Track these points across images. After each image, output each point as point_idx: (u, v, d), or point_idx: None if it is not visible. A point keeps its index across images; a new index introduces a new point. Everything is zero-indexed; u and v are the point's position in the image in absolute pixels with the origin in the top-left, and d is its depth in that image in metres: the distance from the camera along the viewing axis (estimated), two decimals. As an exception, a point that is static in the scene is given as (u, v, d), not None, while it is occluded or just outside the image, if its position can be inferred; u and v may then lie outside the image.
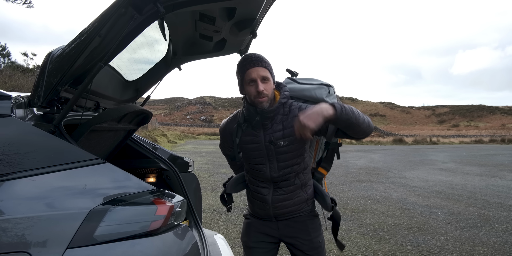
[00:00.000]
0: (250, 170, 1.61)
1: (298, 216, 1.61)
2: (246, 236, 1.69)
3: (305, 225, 1.61)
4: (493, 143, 31.19)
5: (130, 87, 2.18)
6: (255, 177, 1.61)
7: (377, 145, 25.45)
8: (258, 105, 1.44)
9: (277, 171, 1.53)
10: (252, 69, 1.40)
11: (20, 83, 10.01)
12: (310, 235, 1.60)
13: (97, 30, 1.10)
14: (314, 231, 1.61)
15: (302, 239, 1.59)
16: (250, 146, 1.53)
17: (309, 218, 1.63)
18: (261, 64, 1.41)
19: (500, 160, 13.15)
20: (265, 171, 1.54)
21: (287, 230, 1.61)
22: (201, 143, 21.81)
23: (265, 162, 1.53)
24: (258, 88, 1.39)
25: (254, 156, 1.54)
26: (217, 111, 69.04)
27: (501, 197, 6.00)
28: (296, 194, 1.58)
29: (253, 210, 1.68)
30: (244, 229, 1.72)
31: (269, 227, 1.63)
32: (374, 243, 3.56)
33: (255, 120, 1.47)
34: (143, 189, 1.15)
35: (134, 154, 2.28)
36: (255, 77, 1.40)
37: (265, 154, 1.51)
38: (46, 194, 0.99)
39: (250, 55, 1.46)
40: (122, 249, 1.00)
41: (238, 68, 1.46)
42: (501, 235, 3.88)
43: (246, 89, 1.45)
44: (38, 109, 1.31)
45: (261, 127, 1.50)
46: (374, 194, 6.16)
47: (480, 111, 72.45)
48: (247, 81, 1.43)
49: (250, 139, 1.53)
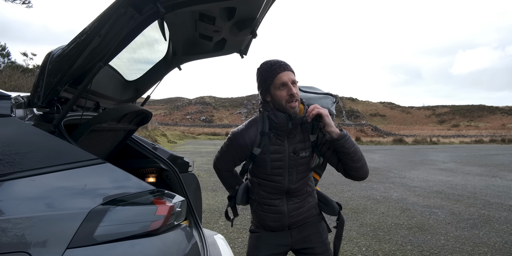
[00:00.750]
0: (262, 183, 1.54)
1: (309, 220, 1.62)
2: (256, 250, 1.59)
3: (316, 228, 1.61)
4: (493, 143, 31.18)
5: (130, 87, 2.18)
6: (266, 190, 1.54)
7: (377, 145, 25.44)
8: (290, 110, 1.39)
9: (294, 183, 1.50)
10: (283, 72, 1.39)
11: (20, 83, 10.01)
12: (322, 237, 1.61)
13: (97, 30, 1.10)
14: (324, 233, 1.63)
15: (316, 242, 1.59)
16: (273, 156, 1.46)
17: (318, 220, 1.64)
18: (290, 69, 1.41)
19: (500, 160, 13.15)
20: (283, 183, 1.50)
21: (300, 236, 1.59)
22: (201, 143, 21.81)
23: (285, 174, 1.49)
24: (291, 90, 1.37)
25: (274, 167, 1.47)
26: (217, 111, 69.05)
27: (501, 197, 5.99)
28: (308, 200, 1.59)
29: (263, 224, 1.60)
30: (254, 243, 1.62)
31: (282, 237, 1.59)
32: (374, 243, 3.56)
33: (286, 127, 1.42)
34: (143, 189, 1.14)
35: (134, 154, 2.28)
36: (287, 80, 1.38)
37: (287, 165, 1.47)
38: (46, 194, 0.99)
39: (275, 60, 1.44)
40: (122, 249, 1.00)
41: (265, 73, 1.42)
42: (501, 235, 3.88)
43: (276, 94, 1.40)
44: (38, 109, 1.30)
45: (286, 137, 1.46)
46: (374, 194, 6.16)
47: (480, 111, 72.43)
48: (278, 85, 1.39)
49: (274, 148, 1.46)
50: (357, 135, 33.59)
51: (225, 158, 1.59)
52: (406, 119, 73.35)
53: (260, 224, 1.63)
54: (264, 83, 1.43)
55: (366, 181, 7.67)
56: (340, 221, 1.64)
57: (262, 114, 1.49)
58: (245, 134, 1.50)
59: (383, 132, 44.77)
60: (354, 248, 3.43)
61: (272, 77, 1.40)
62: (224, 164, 1.62)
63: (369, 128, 46.32)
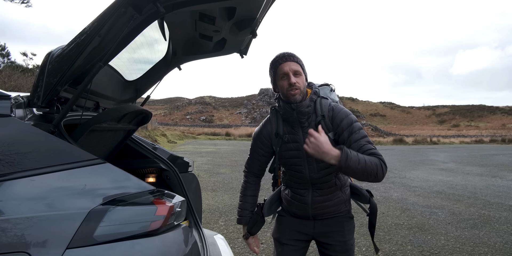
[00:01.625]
0: (288, 172, 1.59)
1: (336, 216, 1.61)
2: (279, 232, 1.67)
3: (341, 226, 1.61)
4: (494, 143, 31.18)
5: (130, 87, 2.18)
6: (293, 180, 1.59)
7: (378, 145, 25.44)
8: (291, 98, 1.44)
9: (316, 172, 1.51)
10: (284, 63, 1.44)
11: (20, 83, 10.00)
12: (345, 237, 1.60)
13: (97, 30, 1.10)
14: (349, 233, 1.62)
15: (336, 240, 1.59)
16: (290, 145, 1.51)
17: (346, 220, 1.63)
18: (293, 59, 1.45)
19: (501, 160, 13.15)
20: (304, 173, 1.52)
21: (323, 229, 1.61)
22: (201, 143, 21.81)
23: (304, 163, 1.51)
24: (290, 80, 1.42)
25: (293, 156, 1.52)
26: (217, 111, 69.04)
27: (501, 197, 5.99)
28: (336, 195, 1.58)
29: (289, 209, 1.66)
30: (277, 225, 1.71)
31: (305, 225, 1.62)
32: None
33: (292, 116, 1.47)
34: (143, 189, 1.14)
35: (133, 154, 2.27)
36: (287, 70, 1.44)
37: (304, 154, 1.48)
38: (46, 194, 0.99)
39: (281, 53, 1.50)
40: (121, 250, 1.00)
41: (271, 65, 1.50)
42: (501, 236, 3.87)
43: (279, 84, 1.47)
44: (37, 109, 1.30)
45: (299, 125, 1.50)
46: (375, 194, 6.13)
47: (480, 111, 72.41)
48: (280, 75, 1.46)
49: (290, 138, 1.51)
50: (357, 135, 33.42)
51: (252, 158, 1.66)
52: (406, 119, 73.34)
53: (287, 209, 1.69)
54: (271, 75, 1.52)
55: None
56: (372, 208, 1.63)
57: (273, 112, 1.57)
58: (263, 129, 1.60)
59: (383, 132, 44.77)
60: (355, 248, 3.43)
61: (276, 68, 1.47)
62: (253, 164, 1.68)
63: (369, 128, 46.32)
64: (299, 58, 1.48)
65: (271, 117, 1.58)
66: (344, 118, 1.44)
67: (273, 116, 1.57)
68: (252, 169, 1.70)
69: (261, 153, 1.62)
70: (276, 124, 1.55)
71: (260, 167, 1.68)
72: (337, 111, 1.47)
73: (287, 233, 1.64)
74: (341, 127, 1.43)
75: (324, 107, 1.48)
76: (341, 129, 1.44)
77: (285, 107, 1.47)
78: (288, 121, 1.51)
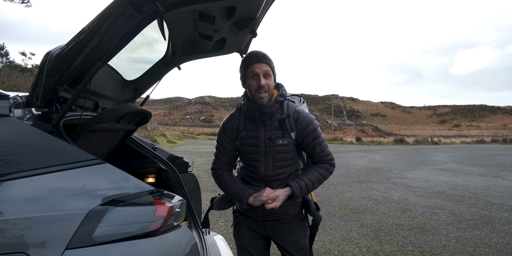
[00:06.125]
0: (245, 167, 1.64)
1: (285, 217, 1.63)
2: (237, 233, 1.74)
3: (291, 227, 1.63)
4: (495, 143, 31.14)
5: (129, 87, 2.17)
6: (248, 175, 1.63)
7: (378, 145, 25.43)
8: (258, 100, 1.50)
9: (271, 170, 1.56)
10: (256, 64, 1.48)
11: (19, 82, 9.99)
12: (296, 237, 1.62)
13: (96, 29, 1.09)
14: (300, 232, 1.64)
15: (288, 240, 1.62)
16: (250, 141, 1.56)
17: (296, 220, 1.65)
18: (264, 61, 1.49)
19: (502, 160, 13.13)
20: (260, 169, 1.56)
21: (273, 230, 1.65)
22: (200, 143, 21.82)
23: (261, 159, 1.56)
24: (260, 82, 1.47)
25: (252, 152, 1.57)
26: (216, 111, 69.05)
27: (502, 198, 5.98)
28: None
29: (241, 208, 1.69)
30: (235, 227, 1.78)
31: (258, 226, 1.67)
32: (375, 244, 3.55)
33: (254, 116, 1.53)
34: (142, 190, 1.14)
35: (133, 154, 2.27)
36: (258, 71, 1.48)
37: (263, 151, 1.54)
38: (45, 194, 0.99)
39: (255, 51, 1.53)
40: (121, 250, 1.00)
41: (242, 62, 1.53)
42: (503, 236, 3.86)
43: (248, 83, 1.51)
44: (36, 109, 1.30)
45: (262, 124, 1.55)
46: (375, 195, 6.15)
47: (481, 111, 72.32)
48: (250, 75, 1.49)
49: (251, 134, 1.56)
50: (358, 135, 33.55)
51: (219, 153, 1.65)
52: (407, 119, 73.29)
53: (239, 208, 1.72)
54: (241, 72, 1.55)
55: (366, 181, 7.67)
56: (314, 220, 1.67)
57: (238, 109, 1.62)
58: (229, 120, 1.63)
59: (384, 132, 44.76)
60: (355, 248, 3.42)
61: (247, 67, 1.51)
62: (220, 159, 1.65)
63: (370, 128, 46.31)
64: (271, 60, 1.52)
65: (235, 113, 1.63)
66: (310, 124, 1.55)
67: (237, 112, 1.62)
68: (220, 164, 1.65)
69: (227, 147, 1.63)
70: (238, 119, 1.60)
71: (227, 162, 1.65)
72: (303, 115, 1.56)
73: (244, 234, 1.70)
74: (307, 132, 1.55)
75: (290, 108, 1.56)
76: (306, 134, 1.55)
77: (249, 106, 1.53)
78: (251, 119, 1.56)
